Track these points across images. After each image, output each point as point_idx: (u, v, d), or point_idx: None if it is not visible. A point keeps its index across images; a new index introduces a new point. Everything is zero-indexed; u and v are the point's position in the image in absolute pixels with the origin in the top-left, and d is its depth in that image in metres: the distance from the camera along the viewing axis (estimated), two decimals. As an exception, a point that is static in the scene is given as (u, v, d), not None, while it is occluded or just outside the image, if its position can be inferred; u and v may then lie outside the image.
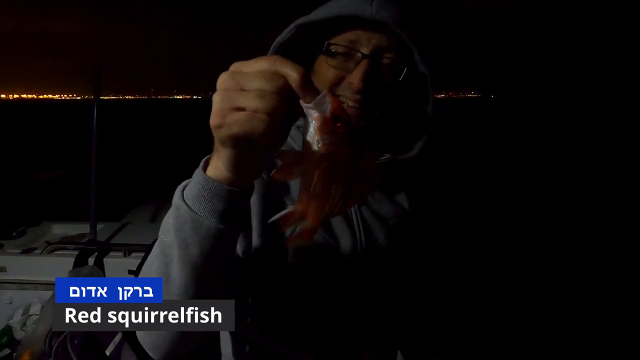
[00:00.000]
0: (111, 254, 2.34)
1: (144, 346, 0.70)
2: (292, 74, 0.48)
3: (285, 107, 0.48)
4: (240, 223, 0.64)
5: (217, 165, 0.56)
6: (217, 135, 0.51)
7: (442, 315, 0.96)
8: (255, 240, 0.83)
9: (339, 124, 0.48)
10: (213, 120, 0.49)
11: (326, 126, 0.48)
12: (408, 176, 0.99)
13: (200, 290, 0.62)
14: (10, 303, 2.29)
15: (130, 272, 2.21)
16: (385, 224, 0.92)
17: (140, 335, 0.70)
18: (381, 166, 0.90)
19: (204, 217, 0.57)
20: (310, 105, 0.48)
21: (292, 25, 0.85)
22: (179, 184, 0.89)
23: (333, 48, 0.83)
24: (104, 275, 2.18)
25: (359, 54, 0.82)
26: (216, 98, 0.49)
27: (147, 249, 1.98)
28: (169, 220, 0.61)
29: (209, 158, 0.59)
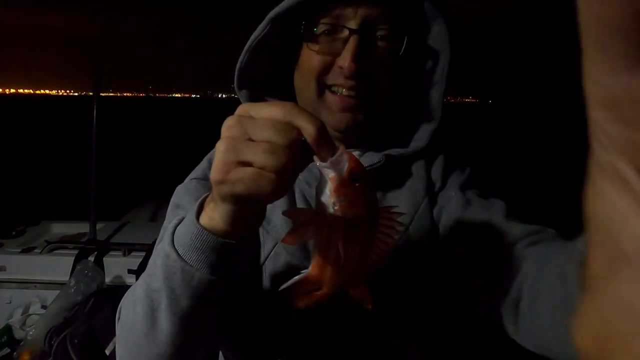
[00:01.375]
0: (111, 253, 2.34)
1: None
2: (308, 127, 0.43)
3: (295, 161, 0.43)
4: (238, 274, 0.58)
5: (213, 217, 0.51)
6: (218, 190, 0.46)
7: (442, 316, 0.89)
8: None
9: (357, 184, 0.44)
10: (214, 175, 0.45)
11: (344, 188, 0.44)
12: (417, 172, 0.83)
13: (189, 339, 0.58)
14: (10, 302, 2.29)
15: (130, 271, 2.21)
16: None
17: None
18: (380, 169, 0.79)
19: (195, 268, 0.53)
20: (326, 164, 0.44)
21: (265, 20, 0.73)
22: (178, 183, 0.85)
23: (313, 29, 0.71)
24: (104, 275, 2.18)
25: (346, 30, 0.69)
26: (220, 147, 0.44)
27: (147, 249, 1.99)
28: (156, 263, 0.57)
29: (205, 200, 0.54)
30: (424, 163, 0.84)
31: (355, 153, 0.80)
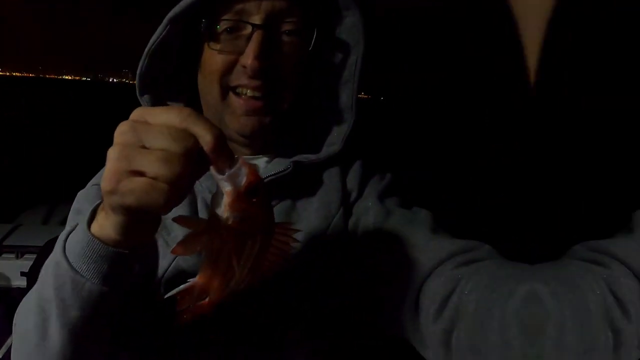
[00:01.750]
0: (3, 255, 2.32)
1: None
2: (205, 135, 0.41)
3: (190, 171, 0.41)
4: (130, 284, 0.55)
5: (104, 225, 0.48)
6: (108, 201, 0.43)
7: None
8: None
9: (254, 200, 0.43)
10: (104, 185, 0.42)
11: (239, 202, 0.42)
12: (331, 181, 0.78)
13: (80, 351, 0.55)
14: None
15: (22, 274, 2.19)
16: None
17: None
18: (286, 177, 0.74)
19: (86, 278, 0.50)
20: (223, 177, 0.42)
21: (164, 21, 0.67)
22: (71, 183, 0.86)
23: (215, 27, 0.66)
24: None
25: (249, 26, 0.65)
26: (112, 154, 0.41)
27: (39, 251, 1.99)
28: (48, 272, 0.53)
29: (97, 207, 0.51)
30: (339, 170, 0.79)
31: (263, 159, 0.78)
